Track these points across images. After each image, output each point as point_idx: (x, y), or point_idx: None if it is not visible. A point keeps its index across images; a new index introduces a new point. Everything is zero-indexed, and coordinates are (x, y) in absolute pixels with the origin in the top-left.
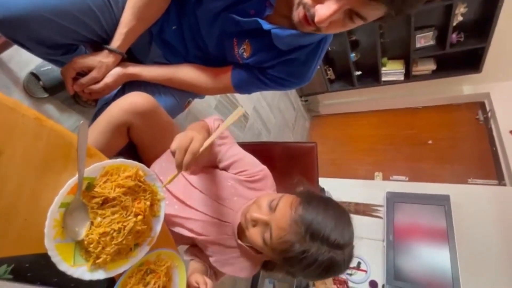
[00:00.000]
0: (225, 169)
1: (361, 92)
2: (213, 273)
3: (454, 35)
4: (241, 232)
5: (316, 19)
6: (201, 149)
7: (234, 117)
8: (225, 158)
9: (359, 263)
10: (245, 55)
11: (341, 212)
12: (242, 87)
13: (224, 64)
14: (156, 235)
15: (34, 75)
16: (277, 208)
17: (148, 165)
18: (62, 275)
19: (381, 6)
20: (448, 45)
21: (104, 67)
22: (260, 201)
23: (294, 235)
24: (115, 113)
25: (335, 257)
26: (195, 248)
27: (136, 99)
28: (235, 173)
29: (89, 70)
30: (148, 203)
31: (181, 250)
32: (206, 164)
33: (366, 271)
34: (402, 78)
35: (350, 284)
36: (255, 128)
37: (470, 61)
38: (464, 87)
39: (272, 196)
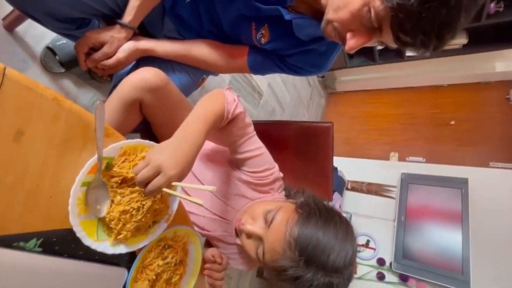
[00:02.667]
0: (236, 162)
1: (382, 68)
2: None
3: (492, 4)
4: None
5: (346, 48)
6: (165, 192)
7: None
8: (240, 151)
9: (368, 241)
10: (263, 40)
11: (343, 229)
12: (258, 69)
13: (239, 43)
14: (173, 213)
15: (50, 50)
16: (273, 223)
17: None
18: (87, 249)
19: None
20: (484, 16)
21: (115, 42)
22: (255, 211)
23: (287, 260)
24: (125, 90)
25: (333, 281)
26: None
27: (146, 75)
28: (246, 172)
29: (102, 45)
30: None
31: None
32: (219, 142)
33: (374, 249)
34: (428, 53)
35: (358, 260)
36: (269, 106)
37: (507, 34)
38: (497, 63)
39: (269, 205)
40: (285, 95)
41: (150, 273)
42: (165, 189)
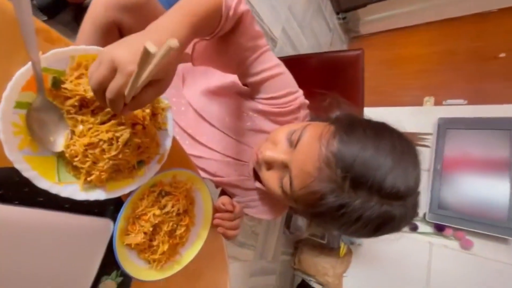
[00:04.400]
0: (249, 89)
1: None
2: None
3: None
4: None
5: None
6: (128, 88)
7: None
8: (253, 71)
9: None
10: None
11: (402, 145)
12: None
13: None
14: (166, 152)
15: None
16: (300, 142)
17: None
18: (49, 194)
19: None
20: None
21: None
22: (276, 135)
23: (325, 183)
24: (96, 11)
25: (391, 211)
26: None
27: None
28: (262, 99)
29: None
30: (147, 110)
31: None
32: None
33: None
34: None
35: None
36: (284, 53)
37: None
38: None
39: (292, 126)
40: (302, 41)
41: (145, 225)
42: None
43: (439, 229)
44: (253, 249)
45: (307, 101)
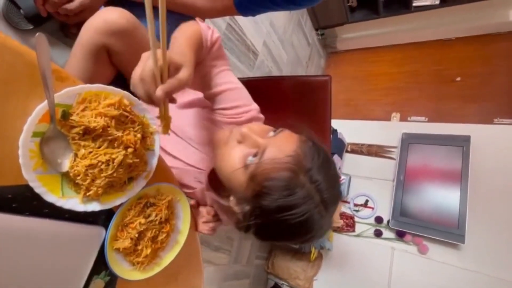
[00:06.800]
0: (209, 98)
1: (386, 22)
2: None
3: None
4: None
5: None
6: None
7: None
8: (212, 83)
9: (366, 201)
10: None
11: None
12: (246, 6)
13: None
14: (152, 169)
15: (12, 2)
16: (280, 133)
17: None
18: (53, 206)
19: None
20: None
21: None
22: (254, 125)
23: (294, 163)
24: (87, 35)
25: (323, 216)
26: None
27: (110, 16)
28: (218, 109)
29: None
30: (139, 135)
31: None
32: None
33: (373, 208)
34: (437, 1)
35: (356, 219)
36: (265, 66)
37: None
38: (511, 11)
39: (268, 127)
40: (282, 55)
41: (132, 231)
42: None
43: (400, 235)
44: (228, 254)
45: (262, 116)
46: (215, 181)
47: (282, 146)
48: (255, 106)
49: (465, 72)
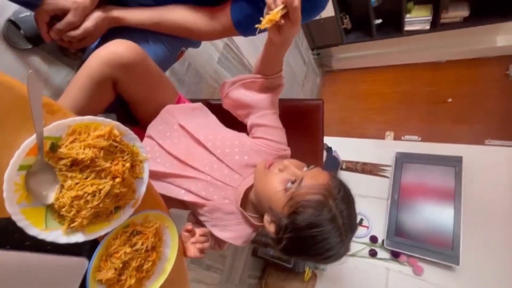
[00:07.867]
0: (251, 127)
1: (380, 45)
2: (215, 242)
3: None
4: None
5: None
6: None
7: None
8: (266, 117)
9: (361, 220)
10: None
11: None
12: (246, 26)
13: (220, 3)
14: (140, 197)
15: (13, 23)
16: (313, 169)
17: (143, 123)
18: (35, 238)
19: None
20: None
21: (80, 9)
22: (293, 160)
23: (325, 190)
24: (95, 66)
25: (343, 240)
26: (195, 216)
27: (118, 49)
28: (265, 139)
29: (65, 13)
30: (127, 164)
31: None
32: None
33: (367, 227)
34: (427, 27)
35: None
36: None
37: (511, 5)
38: (498, 37)
39: (303, 163)
40: None
41: (116, 261)
42: None
43: (395, 255)
44: (220, 273)
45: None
46: (244, 203)
47: (316, 177)
48: (289, 149)
49: (456, 93)
